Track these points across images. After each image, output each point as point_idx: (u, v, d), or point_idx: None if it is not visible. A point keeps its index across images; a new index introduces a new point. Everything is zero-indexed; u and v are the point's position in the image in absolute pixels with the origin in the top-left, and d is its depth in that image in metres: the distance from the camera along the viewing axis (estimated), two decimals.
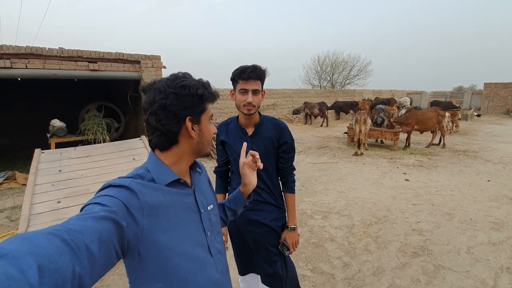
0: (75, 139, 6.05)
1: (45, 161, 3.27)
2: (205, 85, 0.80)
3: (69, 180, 3.07)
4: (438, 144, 8.27)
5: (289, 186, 1.54)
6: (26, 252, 0.38)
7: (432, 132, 8.27)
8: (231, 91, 1.44)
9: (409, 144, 8.03)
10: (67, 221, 0.52)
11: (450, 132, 10.34)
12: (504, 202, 4.06)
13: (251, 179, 1.02)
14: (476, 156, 6.95)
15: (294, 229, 1.53)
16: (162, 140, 0.76)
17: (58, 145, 5.42)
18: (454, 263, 2.63)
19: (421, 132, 8.34)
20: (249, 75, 1.32)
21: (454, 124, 10.59)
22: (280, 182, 1.57)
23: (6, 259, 0.35)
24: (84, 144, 5.06)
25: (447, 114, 8.40)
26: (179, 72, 0.80)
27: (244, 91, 1.35)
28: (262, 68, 1.37)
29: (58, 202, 2.73)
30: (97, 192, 0.66)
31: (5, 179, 5.01)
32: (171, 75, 0.79)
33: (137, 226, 0.64)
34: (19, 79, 4.74)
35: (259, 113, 1.48)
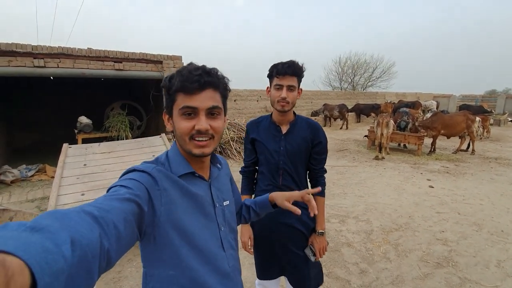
0: (100, 135, 6.33)
1: (71, 155, 3.44)
2: (179, 74, 0.72)
3: (93, 174, 3.21)
4: (467, 150, 7.82)
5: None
6: (61, 227, 0.40)
7: (460, 137, 7.82)
8: (267, 87, 1.43)
9: (434, 149, 7.64)
10: (95, 200, 0.55)
11: (481, 138, 9.74)
12: None
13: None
14: (510, 164, 6.49)
15: (322, 234, 1.46)
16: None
17: (85, 141, 5.70)
18: (482, 276, 2.46)
19: (448, 137, 7.91)
20: (285, 71, 1.30)
21: (485, 130, 9.97)
22: (310, 184, 1.52)
23: (43, 233, 0.37)
24: (108, 141, 5.28)
25: (477, 118, 7.91)
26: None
27: (279, 87, 1.33)
28: (299, 64, 1.33)
29: (82, 194, 2.86)
30: (122, 175, 0.69)
31: (36, 172, 5.34)
32: None
33: (154, 213, 0.67)
34: (51, 77, 5.04)
35: (293, 112, 1.45)
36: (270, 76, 1.37)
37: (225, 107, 0.81)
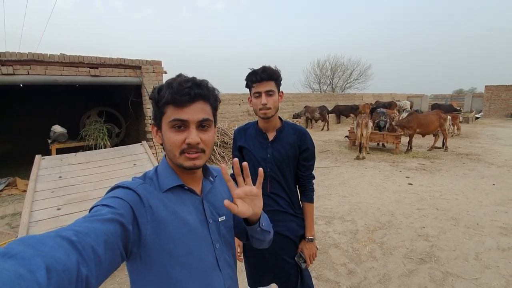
0: (76, 144, 6.03)
1: (45, 167, 3.24)
2: (169, 86, 0.69)
3: (70, 186, 3.04)
4: (441, 148, 8.22)
5: (308, 195, 1.48)
6: (35, 253, 0.39)
7: (434, 135, 8.23)
8: (248, 97, 1.42)
9: (411, 148, 7.98)
10: (74, 223, 0.52)
11: (452, 135, 10.29)
12: (511, 206, 3.99)
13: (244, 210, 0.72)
14: (480, 160, 6.89)
15: (311, 240, 1.46)
16: None
17: (59, 151, 5.40)
18: (462, 270, 2.57)
19: (423, 136, 8.30)
20: (261, 76, 1.30)
21: (456, 127, 10.55)
22: (298, 191, 1.52)
23: (16, 259, 0.36)
24: (85, 150, 5.05)
25: (448, 117, 8.36)
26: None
27: (258, 94, 1.32)
28: (273, 68, 1.33)
29: (58, 209, 2.70)
30: (107, 193, 0.67)
31: (6, 186, 4.99)
32: None
33: (139, 232, 0.64)
34: (21, 85, 4.75)
35: (280, 118, 1.44)
36: (248, 86, 1.37)
37: (215, 119, 0.79)
